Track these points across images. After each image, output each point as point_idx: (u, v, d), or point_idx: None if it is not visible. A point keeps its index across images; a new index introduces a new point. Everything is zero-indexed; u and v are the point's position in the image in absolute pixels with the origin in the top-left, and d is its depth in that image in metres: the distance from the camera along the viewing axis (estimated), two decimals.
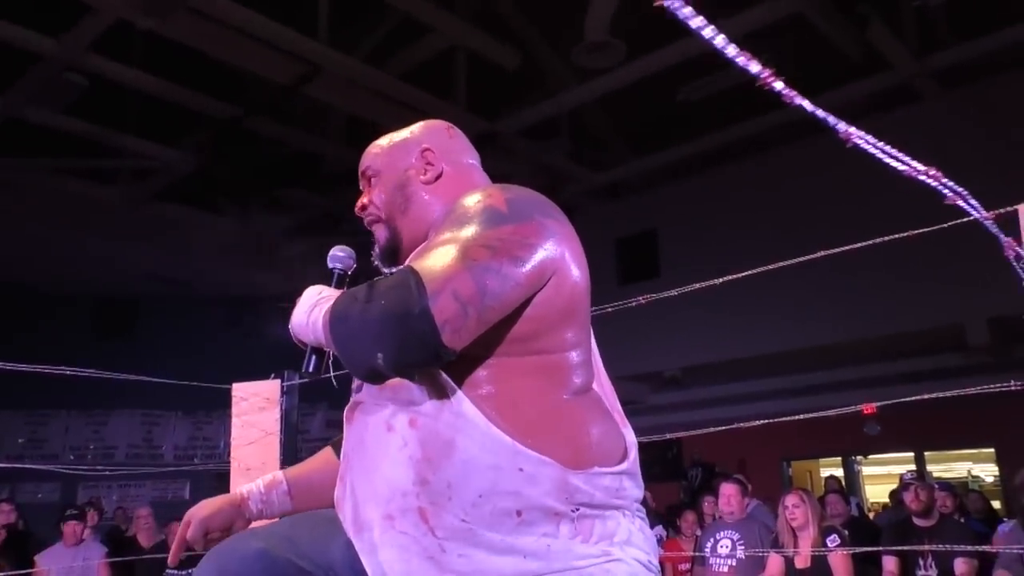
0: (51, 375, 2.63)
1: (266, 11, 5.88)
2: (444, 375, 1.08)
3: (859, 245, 2.07)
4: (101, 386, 3.16)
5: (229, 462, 2.84)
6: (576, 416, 1.11)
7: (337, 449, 1.42)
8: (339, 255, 1.31)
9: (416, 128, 1.36)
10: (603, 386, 1.22)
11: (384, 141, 1.36)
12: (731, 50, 0.79)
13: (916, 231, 1.99)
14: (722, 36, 0.76)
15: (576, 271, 1.13)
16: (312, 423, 10.59)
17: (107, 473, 9.76)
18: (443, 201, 1.26)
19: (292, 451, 2.85)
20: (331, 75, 6.57)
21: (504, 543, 1.03)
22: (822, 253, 2.12)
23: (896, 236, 2.01)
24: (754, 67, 0.81)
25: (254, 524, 1.40)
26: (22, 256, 9.47)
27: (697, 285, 2.28)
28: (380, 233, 1.31)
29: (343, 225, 8.49)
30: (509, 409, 1.07)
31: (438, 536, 1.04)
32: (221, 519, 1.36)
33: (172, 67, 6.75)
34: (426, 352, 0.98)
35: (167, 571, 4.96)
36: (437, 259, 1.01)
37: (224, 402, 2.92)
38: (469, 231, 1.06)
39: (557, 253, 1.09)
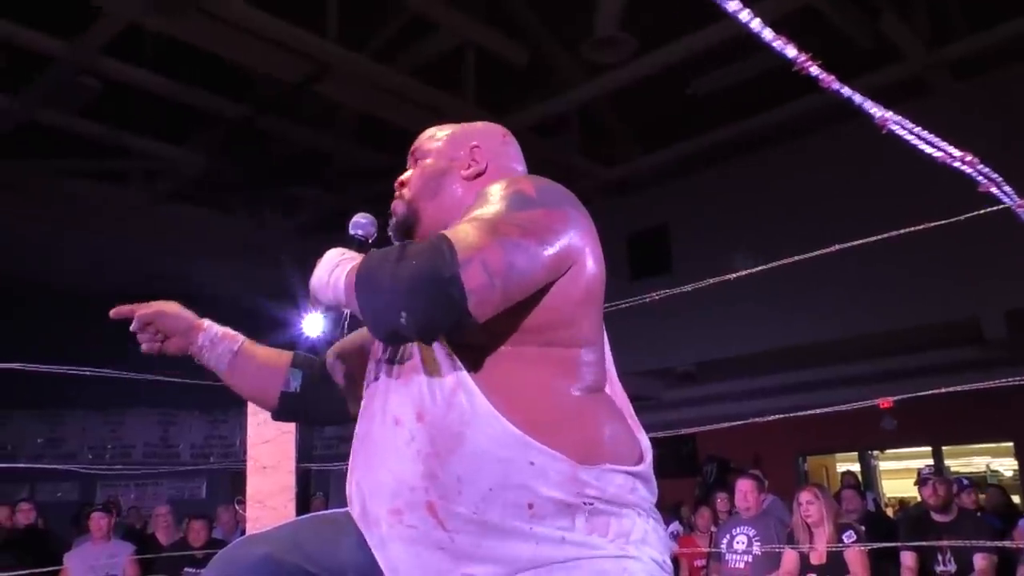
0: (68, 375, 2.65)
1: (275, 10, 5.89)
2: (455, 364, 1.08)
3: (874, 239, 2.05)
4: (118, 385, 3.18)
5: (245, 460, 2.85)
6: (588, 412, 1.11)
7: (299, 361, 1.45)
8: (361, 221, 1.30)
9: (474, 125, 1.38)
10: (615, 391, 1.21)
11: (441, 130, 1.37)
12: (767, 34, 0.78)
13: (932, 224, 1.97)
14: (758, 20, 0.76)
15: (594, 266, 1.13)
16: None
17: (125, 472, 9.82)
18: (473, 198, 1.26)
19: (308, 449, 2.86)
20: (340, 73, 6.58)
21: (518, 530, 1.03)
22: (836, 247, 2.10)
23: (912, 229, 1.99)
24: (790, 52, 0.80)
25: (198, 356, 1.42)
26: (36, 256, 9.56)
27: (710, 280, 2.26)
28: (399, 208, 1.32)
29: None
30: (520, 401, 1.06)
31: (448, 529, 1.04)
32: (173, 323, 1.40)
33: (182, 68, 6.78)
34: (451, 317, 0.98)
35: (185, 569, 5.00)
36: (469, 230, 1.02)
37: (240, 400, 2.92)
38: (500, 209, 1.07)
39: (580, 244, 1.10)
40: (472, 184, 1.29)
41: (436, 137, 1.35)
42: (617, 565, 1.04)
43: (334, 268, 1.12)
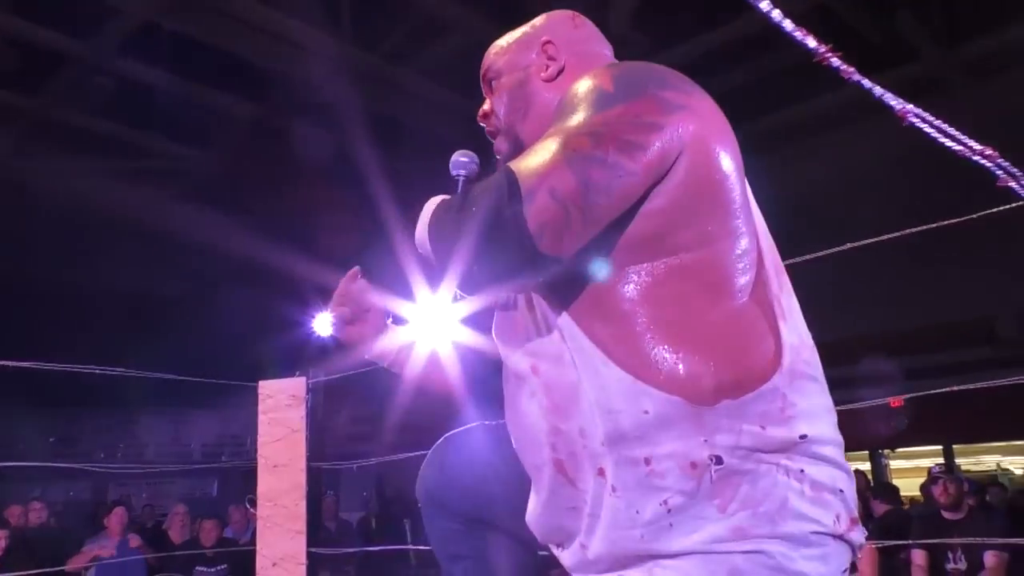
0: (81, 374, 2.68)
1: (288, 9, 5.92)
2: (557, 305, 0.98)
3: (885, 237, 2.05)
4: (131, 385, 3.21)
5: (256, 459, 2.87)
6: (720, 331, 0.92)
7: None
8: (461, 160, 1.12)
9: (537, 21, 1.23)
10: (769, 280, 1.02)
11: (504, 40, 1.24)
12: (788, 25, 0.78)
13: (945, 222, 1.97)
14: (778, 11, 0.76)
15: (716, 147, 0.95)
16: (337, 420, 10.66)
17: (137, 471, 9.89)
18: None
19: (318, 448, 2.88)
20: (354, 73, 6.61)
21: (628, 513, 0.90)
22: (848, 245, 2.10)
23: (922, 228, 1.99)
24: (811, 42, 0.81)
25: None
26: (54, 256, 9.62)
27: None
28: (501, 145, 1.20)
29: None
30: (632, 339, 0.92)
31: (579, 487, 0.97)
32: (370, 300, 1.34)
33: (196, 67, 6.82)
34: (521, 260, 0.87)
35: (197, 568, 5.04)
36: (535, 156, 0.90)
37: (251, 400, 2.95)
38: (574, 120, 0.93)
39: (682, 131, 0.92)
40: (558, 84, 1.13)
41: (503, 49, 1.22)
42: (723, 564, 0.86)
43: (425, 219, 1.02)
